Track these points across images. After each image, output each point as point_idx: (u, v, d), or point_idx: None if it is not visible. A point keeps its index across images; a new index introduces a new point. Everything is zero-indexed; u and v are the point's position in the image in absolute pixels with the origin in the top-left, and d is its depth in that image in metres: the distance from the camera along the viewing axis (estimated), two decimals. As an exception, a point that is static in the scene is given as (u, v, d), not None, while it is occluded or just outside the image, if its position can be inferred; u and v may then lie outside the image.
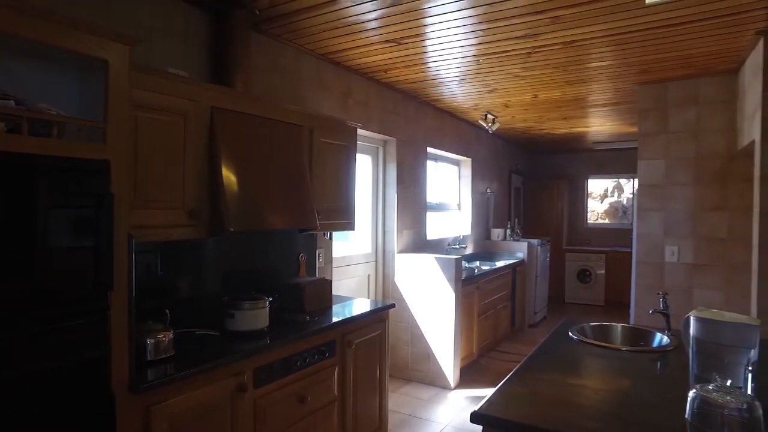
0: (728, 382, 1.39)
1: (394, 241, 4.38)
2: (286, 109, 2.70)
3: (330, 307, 2.98)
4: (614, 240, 8.21)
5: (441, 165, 5.76)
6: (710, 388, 1.38)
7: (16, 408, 1.41)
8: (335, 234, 3.58)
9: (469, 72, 3.83)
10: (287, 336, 2.34)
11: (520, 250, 6.40)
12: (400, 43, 3.17)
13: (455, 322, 4.18)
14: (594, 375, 1.91)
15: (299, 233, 3.14)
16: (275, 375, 2.24)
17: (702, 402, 1.36)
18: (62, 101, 1.72)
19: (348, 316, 2.78)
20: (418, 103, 4.77)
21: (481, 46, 3.22)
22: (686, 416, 1.40)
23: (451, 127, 5.55)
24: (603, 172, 8.46)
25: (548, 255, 7.23)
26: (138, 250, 1.78)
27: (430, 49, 3.29)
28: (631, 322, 4.42)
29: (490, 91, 4.44)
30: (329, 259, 3.57)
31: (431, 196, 5.32)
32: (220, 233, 2.25)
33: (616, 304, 7.41)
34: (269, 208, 2.46)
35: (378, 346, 3.03)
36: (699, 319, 1.55)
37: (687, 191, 3.90)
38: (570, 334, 2.31)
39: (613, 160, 8.24)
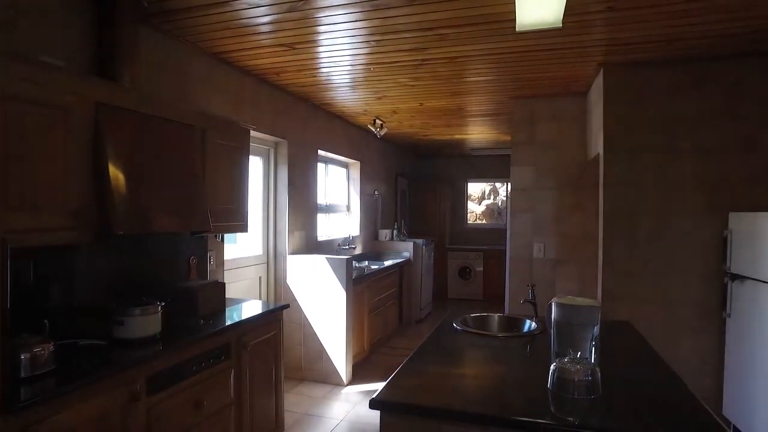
0: (578, 355, 1.68)
1: (286, 243, 4.39)
2: (178, 108, 2.62)
3: (223, 310, 2.93)
4: (491, 239, 8.94)
5: (331, 167, 5.87)
6: (565, 360, 1.66)
7: None
8: (225, 236, 3.52)
9: (360, 79, 3.98)
10: (181, 341, 2.28)
11: (406, 249, 6.72)
12: (294, 48, 3.21)
13: (347, 321, 4.31)
14: (475, 360, 2.14)
15: (190, 236, 3.04)
16: (170, 381, 2.18)
17: (559, 373, 1.63)
18: None
19: (242, 318, 2.77)
20: (309, 106, 4.83)
21: (373, 56, 3.39)
22: (548, 386, 1.66)
23: (342, 131, 5.68)
24: (481, 176, 9.18)
25: (432, 254, 7.67)
26: (13, 256, 1.64)
27: (322, 55, 3.38)
28: (506, 312, 4.90)
29: (379, 98, 4.65)
30: (221, 261, 3.50)
31: (322, 197, 5.41)
32: (107, 237, 2.13)
33: (494, 298, 8.09)
34: (160, 210, 2.37)
35: (273, 346, 3.05)
36: (558, 305, 1.84)
37: (551, 195, 4.44)
38: (454, 324, 2.54)
39: (490, 166, 8.98)
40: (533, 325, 2.56)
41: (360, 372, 4.64)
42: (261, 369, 2.92)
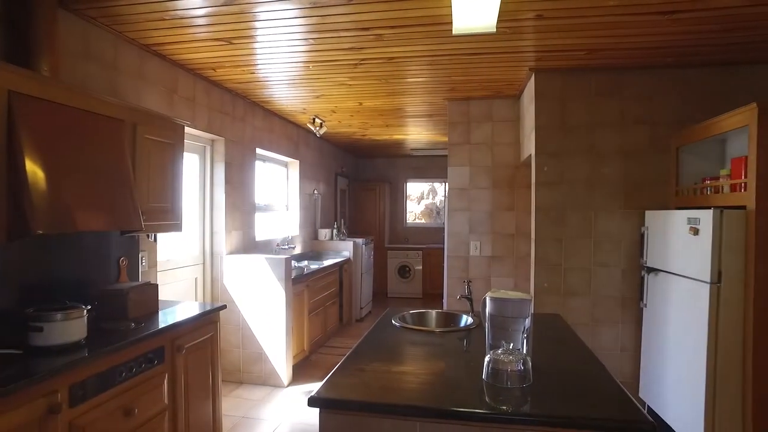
0: (511, 346, 1.76)
1: (223, 243, 4.28)
2: (105, 101, 2.48)
3: (156, 313, 2.81)
4: (430, 238, 9.12)
5: (269, 166, 5.77)
6: (499, 352, 1.73)
7: None
8: (159, 236, 3.38)
9: (299, 77, 3.94)
10: (109, 346, 2.16)
11: (346, 249, 6.73)
12: (231, 43, 3.14)
13: (286, 321, 4.25)
14: (413, 355, 2.18)
15: (120, 235, 2.89)
16: (96, 390, 2.06)
17: (493, 364, 1.70)
18: None
19: (177, 320, 2.67)
20: (247, 104, 4.72)
21: (311, 54, 3.37)
22: (483, 377, 1.72)
23: (281, 129, 5.60)
24: (420, 176, 9.34)
25: (372, 253, 7.73)
26: None
27: (260, 51, 3.32)
28: (444, 308, 5.02)
29: (318, 97, 4.62)
30: (154, 262, 3.35)
31: (260, 197, 5.30)
32: (23, 236, 1.99)
33: (433, 296, 8.27)
34: (85, 207, 2.24)
35: (210, 349, 2.96)
36: (492, 299, 1.92)
37: (486, 194, 4.60)
38: (393, 321, 2.58)
39: (429, 166, 9.16)
40: (469, 319, 2.64)
41: (300, 372, 4.59)
42: (197, 372, 2.83)
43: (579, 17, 2.69)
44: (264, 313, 4.24)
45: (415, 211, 9.60)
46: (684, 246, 2.90)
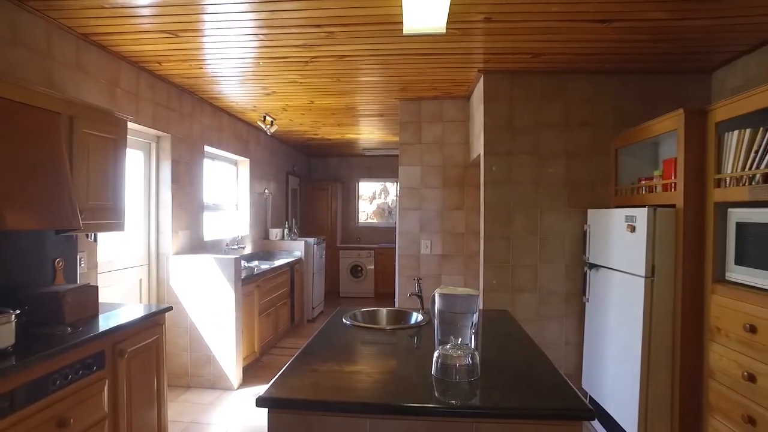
0: (459, 341, 1.79)
1: (170, 243, 4.13)
2: (37, 92, 2.34)
3: (96, 316, 2.68)
4: (382, 237, 9.16)
5: (219, 164, 5.63)
6: (448, 347, 1.76)
7: None
8: (101, 236, 3.22)
9: (249, 73, 3.87)
10: (41, 353, 2.03)
11: (297, 248, 6.66)
12: (177, 36, 3.04)
13: (236, 322, 4.16)
14: (364, 352, 2.18)
15: (55, 235, 2.74)
16: (25, 400, 1.92)
17: (442, 359, 1.73)
18: None
19: (119, 323, 2.55)
20: (195, 100, 4.58)
21: (262, 50, 3.31)
22: (432, 373, 1.75)
23: (230, 127, 5.47)
24: (372, 176, 9.36)
25: (324, 253, 7.68)
26: None
27: (208, 45, 3.23)
28: (396, 306, 5.05)
29: (269, 94, 4.55)
30: (94, 263, 3.19)
31: (208, 195, 5.16)
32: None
33: (385, 295, 8.31)
34: (14, 205, 2.11)
35: (155, 352, 2.86)
36: (440, 295, 1.95)
37: (436, 194, 4.67)
38: (344, 320, 2.58)
39: (381, 166, 9.19)
40: (420, 317, 2.68)
41: (251, 374, 4.50)
42: (141, 377, 2.72)
43: (524, 21, 2.78)
44: (213, 315, 4.13)
45: (367, 211, 9.61)
46: (622, 243, 3.05)
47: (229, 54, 3.40)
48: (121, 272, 3.71)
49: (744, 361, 2.31)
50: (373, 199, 9.62)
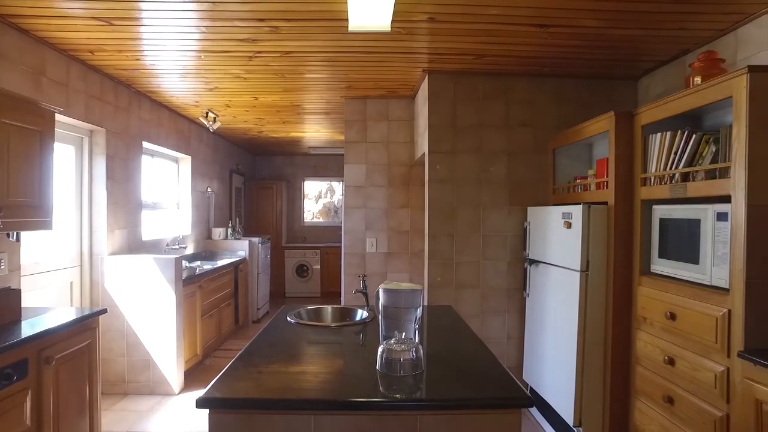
0: (403, 335, 1.81)
1: (104, 243, 3.92)
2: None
3: (19, 321, 2.51)
4: (328, 236, 9.11)
5: (159, 161, 5.41)
6: (392, 342, 1.77)
7: None
8: (25, 235, 3.01)
9: (191, 67, 3.74)
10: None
11: (241, 248, 6.51)
12: (111, 24, 2.89)
13: (177, 325, 4.01)
14: (308, 350, 2.17)
15: (-28, 235, 2.54)
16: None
17: (387, 354, 1.74)
18: None
19: (45, 328, 2.40)
20: (132, 93, 4.38)
21: (204, 43, 3.21)
22: (377, 368, 1.76)
23: (170, 122, 5.27)
24: (318, 174, 9.29)
25: (269, 253, 7.56)
26: None
27: (146, 36, 3.10)
28: (342, 305, 5.05)
29: (211, 89, 4.42)
30: (17, 265, 2.98)
31: (147, 193, 4.95)
32: None
33: (331, 294, 8.26)
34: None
35: (87, 358, 2.71)
36: (384, 290, 1.97)
37: (382, 192, 4.71)
38: (288, 318, 2.55)
39: (327, 164, 9.14)
40: (365, 313, 2.69)
41: (193, 378, 4.36)
42: (71, 386, 2.57)
43: (467, 23, 2.85)
44: (152, 318, 3.96)
45: (313, 210, 9.53)
46: (560, 239, 3.20)
47: (169, 46, 3.27)
48: (50, 274, 3.48)
49: (665, 347, 2.48)
50: (319, 199, 9.55)
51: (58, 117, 3.00)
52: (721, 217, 2.15)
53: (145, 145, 4.74)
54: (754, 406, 1.91)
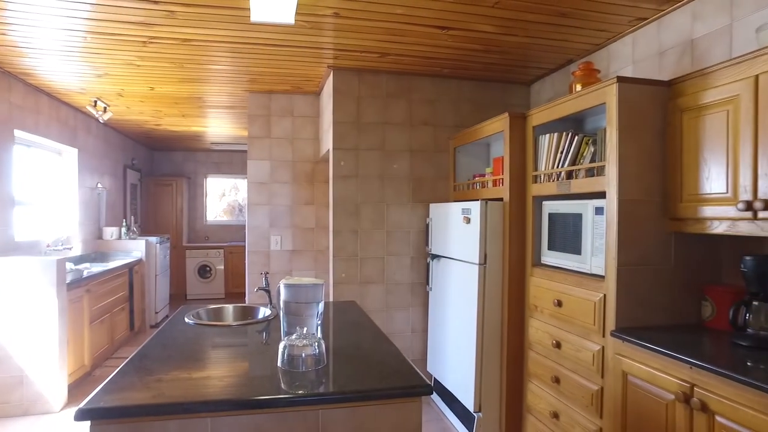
0: (305, 331, 1.80)
1: (-33, 244, 3.47)
2: None
3: None
4: (232, 236, 8.79)
5: (37, 152, 4.88)
6: (294, 338, 1.75)
7: None
8: None
9: (75, 49, 3.41)
10: None
11: (137, 248, 6.08)
12: (-26, -4, 2.56)
13: (59, 333, 3.65)
14: (208, 350, 2.07)
15: None
16: None
17: (288, 350, 1.72)
18: None
19: None
20: (1, 74, 3.91)
21: (90, 23, 2.94)
22: (279, 365, 1.73)
23: (51, 110, 4.77)
24: (221, 171, 8.92)
25: (168, 253, 7.14)
26: None
27: (15, 7, 2.76)
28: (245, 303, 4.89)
29: (100, 75, 4.07)
30: None
31: (22, 189, 4.45)
32: None
33: (236, 294, 7.98)
34: None
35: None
36: (286, 286, 1.94)
37: (286, 189, 4.63)
38: (186, 319, 2.42)
39: (231, 161, 8.82)
40: (267, 311, 2.63)
41: (79, 391, 3.99)
42: None
43: (371, 20, 2.88)
44: (28, 328, 3.56)
45: (216, 209, 9.14)
46: (459, 234, 3.34)
47: (46, 22, 2.95)
48: None
49: (554, 332, 2.69)
50: (222, 197, 9.17)
51: None
52: (599, 211, 2.37)
53: (19, 133, 4.25)
54: (622, 377, 2.14)
